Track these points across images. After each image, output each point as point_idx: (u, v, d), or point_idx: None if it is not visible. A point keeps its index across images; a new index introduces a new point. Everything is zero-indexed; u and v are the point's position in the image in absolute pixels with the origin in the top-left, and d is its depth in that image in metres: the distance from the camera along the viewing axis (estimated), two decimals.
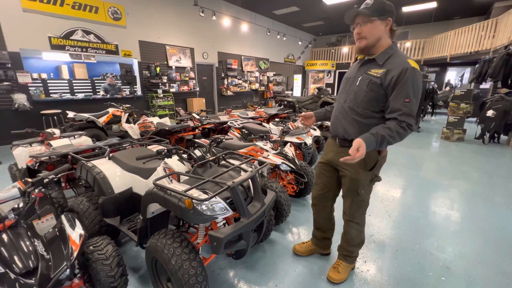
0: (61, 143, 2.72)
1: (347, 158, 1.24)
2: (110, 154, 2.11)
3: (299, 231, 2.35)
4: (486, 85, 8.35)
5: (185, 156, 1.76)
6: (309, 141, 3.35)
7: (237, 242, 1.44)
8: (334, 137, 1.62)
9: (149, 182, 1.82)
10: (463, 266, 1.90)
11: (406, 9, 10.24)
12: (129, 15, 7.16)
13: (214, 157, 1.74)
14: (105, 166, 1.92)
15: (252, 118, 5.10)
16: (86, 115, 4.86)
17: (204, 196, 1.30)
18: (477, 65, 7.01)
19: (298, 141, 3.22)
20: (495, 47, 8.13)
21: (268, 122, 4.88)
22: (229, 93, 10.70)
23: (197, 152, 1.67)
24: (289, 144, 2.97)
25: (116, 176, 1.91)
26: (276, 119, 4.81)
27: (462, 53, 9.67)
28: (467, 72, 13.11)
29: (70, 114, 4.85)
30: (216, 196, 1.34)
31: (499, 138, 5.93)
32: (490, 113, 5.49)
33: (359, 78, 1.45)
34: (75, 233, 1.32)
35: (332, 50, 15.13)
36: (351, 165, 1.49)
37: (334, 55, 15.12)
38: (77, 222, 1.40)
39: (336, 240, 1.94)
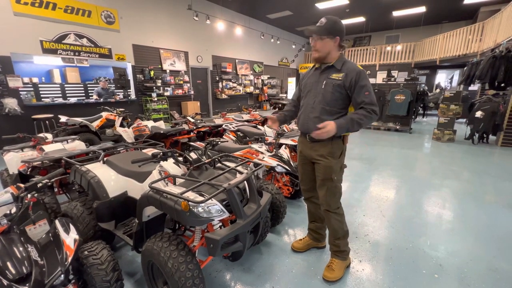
0: (54, 147, 2.69)
1: (317, 132, 1.54)
2: (105, 158, 2.10)
3: (295, 232, 2.37)
4: (474, 87, 8.58)
5: (180, 159, 1.76)
6: None
7: (233, 243, 1.45)
8: (305, 135, 1.83)
9: (144, 185, 1.81)
10: (455, 264, 1.94)
11: (396, 13, 10.49)
12: (122, 19, 7.14)
13: (209, 160, 1.75)
14: (100, 170, 1.91)
15: (247, 121, 5.12)
16: (79, 119, 4.81)
17: (200, 198, 1.30)
18: (465, 68, 7.20)
19: (293, 143, 3.24)
20: (482, 50, 8.39)
21: (263, 125, 4.91)
22: (224, 96, 10.72)
23: (193, 155, 1.68)
24: (284, 146, 2.99)
25: (111, 180, 1.89)
26: None
27: (451, 56, 9.94)
28: (456, 75, 13.45)
29: (63, 118, 4.80)
30: (212, 198, 1.35)
31: (488, 138, 6.09)
32: (478, 114, 5.65)
33: (324, 82, 1.71)
34: (70, 238, 1.31)
35: None
36: (324, 156, 1.75)
37: None
38: (72, 227, 1.39)
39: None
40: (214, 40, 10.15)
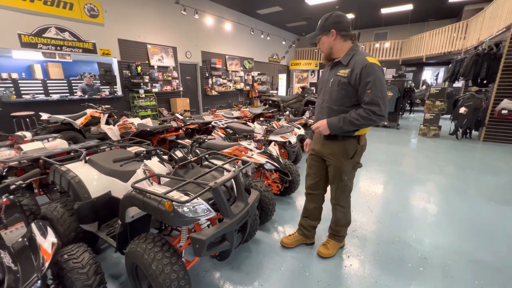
0: (33, 146, 2.57)
1: (313, 127, 1.72)
2: (87, 157, 2.02)
3: (285, 229, 2.36)
4: (459, 83, 8.83)
5: (166, 157, 1.71)
6: (293, 139, 3.38)
7: (220, 243, 1.42)
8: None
9: (128, 185, 1.75)
10: (439, 256, 1.99)
11: (384, 10, 10.61)
12: (107, 13, 6.89)
13: (196, 158, 1.71)
14: (81, 170, 1.83)
15: (237, 117, 5.08)
16: (61, 116, 4.62)
17: (185, 198, 1.27)
18: (450, 65, 7.39)
19: (282, 140, 3.24)
20: (466, 47, 8.62)
21: (253, 122, 4.88)
22: (214, 92, 10.59)
23: (178, 153, 1.63)
24: (273, 143, 2.98)
25: (93, 180, 1.82)
26: (261, 119, 4.81)
27: (437, 54, 10.17)
28: (442, 72, 13.80)
29: (44, 116, 4.60)
30: (198, 198, 1.32)
31: (471, 133, 6.29)
32: (462, 110, 5.82)
33: (331, 80, 1.66)
34: (47, 242, 1.25)
35: (315, 50, 15.39)
36: (335, 155, 1.73)
37: (318, 55, 15.39)
38: (49, 230, 1.32)
39: (323, 228, 2.16)
40: (203, 35, 9.97)
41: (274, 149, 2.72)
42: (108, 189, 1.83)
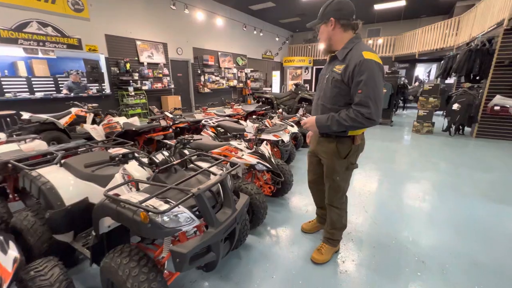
0: (7, 148, 2.38)
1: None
2: (62, 161, 1.86)
3: (278, 233, 2.26)
4: (451, 80, 8.86)
5: (146, 160, 1.57)
6: (286, 138, 3.27)
7: (205, 255, 1.30)
8: None
9: None
10: (437, 259, 1.92)
11: (377, 7, 10.55)
12: (92, 7, 6.61)
13: (179, 161, 1.58)
14: (54, 175, 1.67)
15: (229, 115, 4.94)
16: (44, 116, 4.39)
17: (164, 207, 1.14)
18: (442, 61, 7.38)
19: (275, 138, 3.12)
20: (458, 44, 8.64)
21: (245, 120, 4.75)
22: (206, 90, 10.40)
23: (159, 156, 1.50)
24: (265, 142, 2.86)
25: (68, 185, 1.67)
26: (254, 116, 4.69)
27: (429, 50, 10.19)
28: (434, 68, 13.89)
29: (25, 115, 4.36)
30: (180, 205, 1.19)
31: (464, 129, 6.30)
32: (455, 106, 5.81)
33: (326, 76, 1.56)
34: (7, 259, 1.11)
35: (309, 47, 15.29)
36: (328, 154, 1.66)
37: (311, 52, 15.30)
38: (11, 245, 1.18)
39: (318, 234, 2.09)
40: (195, 31, 9.73)
41: (266, 149, 2.60)
42: (85, 195, 1.68)
